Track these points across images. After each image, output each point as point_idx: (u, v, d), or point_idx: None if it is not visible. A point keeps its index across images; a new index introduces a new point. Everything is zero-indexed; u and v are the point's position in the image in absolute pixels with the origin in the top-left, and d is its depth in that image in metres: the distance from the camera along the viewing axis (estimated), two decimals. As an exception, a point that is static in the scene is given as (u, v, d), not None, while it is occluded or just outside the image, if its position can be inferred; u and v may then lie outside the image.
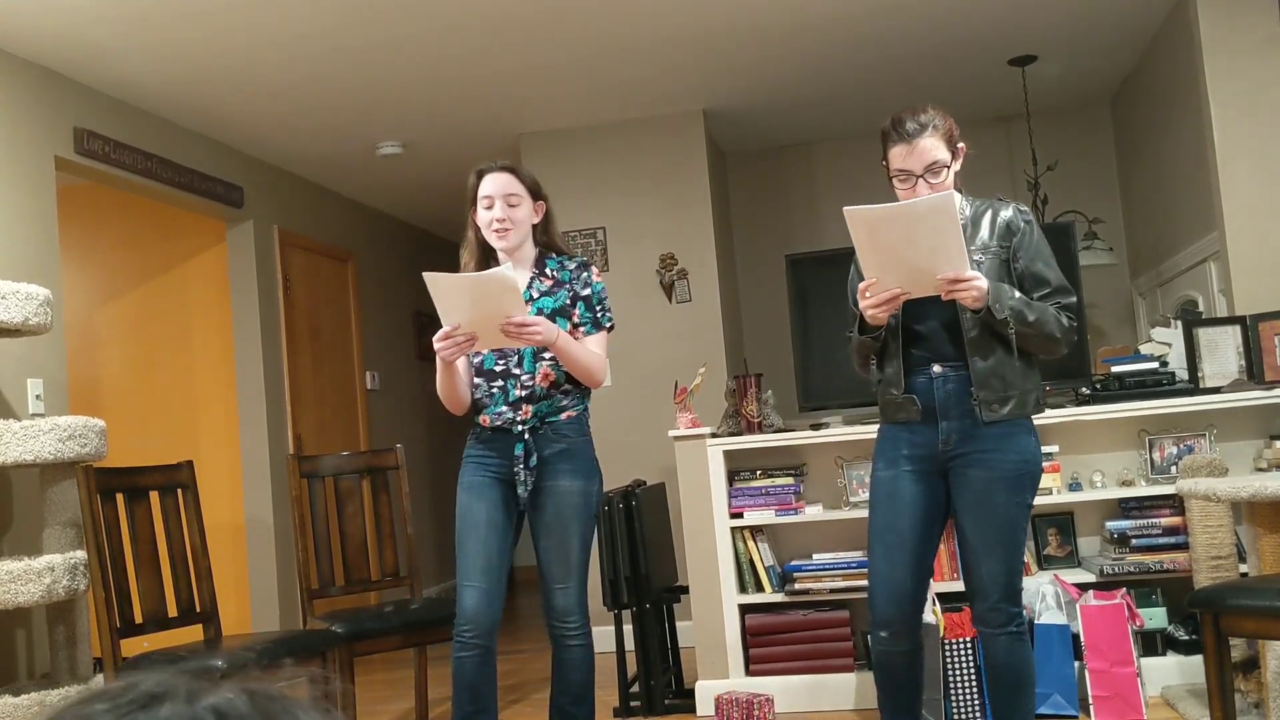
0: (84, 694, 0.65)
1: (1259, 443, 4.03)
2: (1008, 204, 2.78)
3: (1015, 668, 2.74)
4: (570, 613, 3.03)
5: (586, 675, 3.05)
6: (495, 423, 3.03)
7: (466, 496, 3.06)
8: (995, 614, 2.72)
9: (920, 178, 2.66)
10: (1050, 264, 2.74)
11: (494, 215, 3.03)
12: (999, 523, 2.69)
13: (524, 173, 3.10)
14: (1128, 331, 6.23)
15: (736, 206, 6.54)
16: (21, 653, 4.00)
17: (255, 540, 5.73)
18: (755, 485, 4.18)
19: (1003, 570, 2.70)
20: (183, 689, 0.63)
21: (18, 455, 3.40)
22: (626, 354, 5.80)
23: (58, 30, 4.15)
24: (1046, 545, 4.14)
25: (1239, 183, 4.59)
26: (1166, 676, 3.85)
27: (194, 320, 5.96)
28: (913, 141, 2.66)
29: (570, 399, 3.07)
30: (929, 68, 5.50)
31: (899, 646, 2.80)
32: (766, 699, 3.85)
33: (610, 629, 4.39)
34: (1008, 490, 2.68)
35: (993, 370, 2.65)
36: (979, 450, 2.68)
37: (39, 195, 4.40)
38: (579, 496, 3.03)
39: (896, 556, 2.76)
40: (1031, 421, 2.76)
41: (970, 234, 2.72)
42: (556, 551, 3.02)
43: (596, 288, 3.12)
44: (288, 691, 0.67)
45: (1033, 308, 2.65)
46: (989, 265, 2.69)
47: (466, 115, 5.61)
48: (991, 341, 2.65)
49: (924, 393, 2.72)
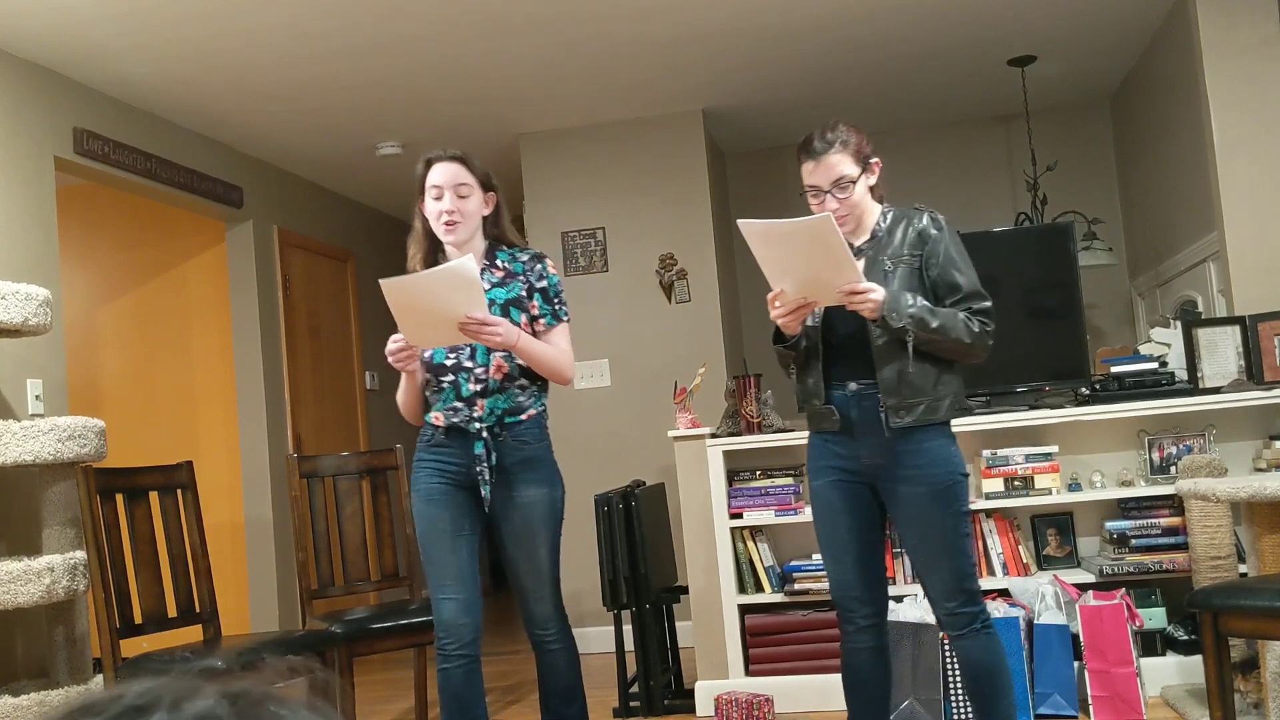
0: (68, 706, 0.64)
1: (1258, 443, 4.04)
2: (923, 213, 2.84)
3: (988, 665, 2.76)
4: (548, 620, 2.97)
5: (573, 676, 3.01)
6: (451, 420, 2.89)
7: (427, 506, 2.92)
8: (955, 618, 2.74)
9: (828, 193, 2.74)
10: (963, 270, 2.77)
11: (443, 207, 2.88)
12: (938, 535, 2.73)
13: (475, 163, 2.96)
14: (1127, 332, 6.23)
15: (736, 206, 6.54)
16: (21, 653, 4.00)
17: (255, 540, 5.73)
18: (755, 485, 4.18)
19: (952, 577, 2.72)
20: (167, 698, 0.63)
21: (17, 455, 3.40)
22: (626, 354, 5.80)
23: (57, 30, 4.15)
24: (1046, 545, 4.14)
25: (1238, 182, 4.59)
26: (1166, 676, 3.85)
27: (193, 320, 5.96)
28: (820, 158, 2.75)
29: (527, 395, 2.94)
30: (928, 68, 5.50)
31: (862, 643, 2.85)
32: (766, 699, 3.85)
33: (610, 629, 4.40)
34: (941, 503, 2.72)
35: (899, 378, 2.70)
36: (901, 465, 2.73)
37: (38, 195, 4.40)
38: (544, 505, 2.93)
39: (844, 560, 2.84)
40: (947, 427, 2.78)
41: (884, 243, 2.79)
42: (527, 563, 2.94)
43: (553, 280, 3.00)
44: (276, 691, 0.66)
45: (937, 314, 2.68)
46: (901, 273, 2.74)
47: (466, 115, 5.61)
48: (898, 350, 2.70)
49: (843, 406, 2.78)
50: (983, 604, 2.77)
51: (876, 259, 2.76)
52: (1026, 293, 4.47)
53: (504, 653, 5.67)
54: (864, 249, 2.79)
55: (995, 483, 4.06)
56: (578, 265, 5.90)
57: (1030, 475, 4.05)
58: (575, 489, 5.65)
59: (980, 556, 4.07)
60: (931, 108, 6.20)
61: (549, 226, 5.94)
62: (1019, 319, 4.46)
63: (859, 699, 2.92)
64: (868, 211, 2.82)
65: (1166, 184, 5.48)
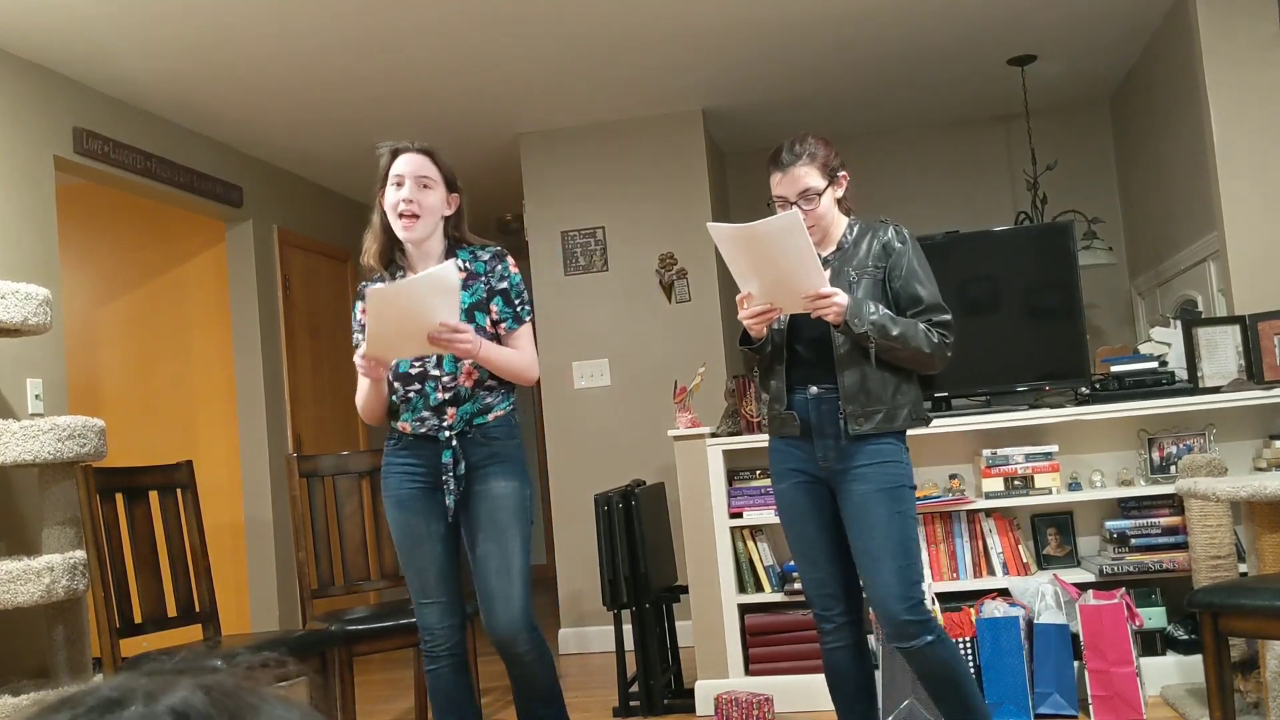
0: (46, 702, 0.65)
1: (1258, 442, 4.04)
2: (889, 226, 2.89)
3: (943, 674, 2.77)
4: (516, 627, 2.78)
5: (548, 679, 2.88)
6: (418, 430, 2.83)
7: (400, 512, 2.87)
8: (900, 631, 2.73)
9: (795, 204, 2.79)
10: (925, 283, 2.82)
11: (402, 195, 2.79)
12: (882, 532, 2.74)
13: (442, 159, 2.88)
14: (1127, 331, 6.23)
15: (736, 206, 6.54)
16: (21, 653, 4.00)
17: (255, 540, 5.73)
18: (755, 485, 4.18)
19: (895, 581, 2.71)
20: (141, 691, 0.63)
21: (17, 455, 3.40)
22: (626, 353, 5.81)
23: (57, 29, 4.15)
24: (1046, 545, 4.14)
25: (1238, 182, 4.59)
26: (1166, 676, 3.85)
27: (193, 320, 5.96)
28: (787, 170, 2.81)
29: (495, 396, 2.88)
30: (928, 67, 5.50)
31: (840, 641, 2.88)
32: (766, 699, 3.86)
33: (610, 628, 4.40)
34: (885, 502, 2.74)
35: (860, 385, 2.75)
36: (853, 466, 2.76)
37: (38, 195, 4.40)
38: (513, 499, 2.83)
39: (816, 559, 2.88)
40: (902, 437, 2.82)
41: (850, 254, 2.85)
42: (497, 559, 2.80)
43: (514, 279, 2.91)
44: (250, 683, 0.66)
45: (899, 323, 2.72)
46: (865, 284, 2.80)
47: (466, 114, 5.61)
48: (860, 357, 2.75)
49: (802, 409, 2.83)
50: (929, 615, 2.75)
51: (842, 269, 2.82)
52: (1026, 292, 4.47)
53: (504, 652, 5.66)
54: (830, 259, 2.84)
55: (995, 482, 4.07)
56: (578, 265, 5.90)
57: (1030, 475, 4.05)
58: (575, 489, 5.70)
59: (980, 556, 4.08)
60: (931, 107, 6.20)
61: (549, 226, 5.94)
62: (1019, 318, 4.46)
63: (844, 698, 2.96)
64: (834, 223, 2.88)
65: (1166, 183, 5.48)
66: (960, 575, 4.08)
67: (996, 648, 3.74)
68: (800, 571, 2.95)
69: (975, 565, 4.08)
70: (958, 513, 4.11)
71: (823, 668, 2.98)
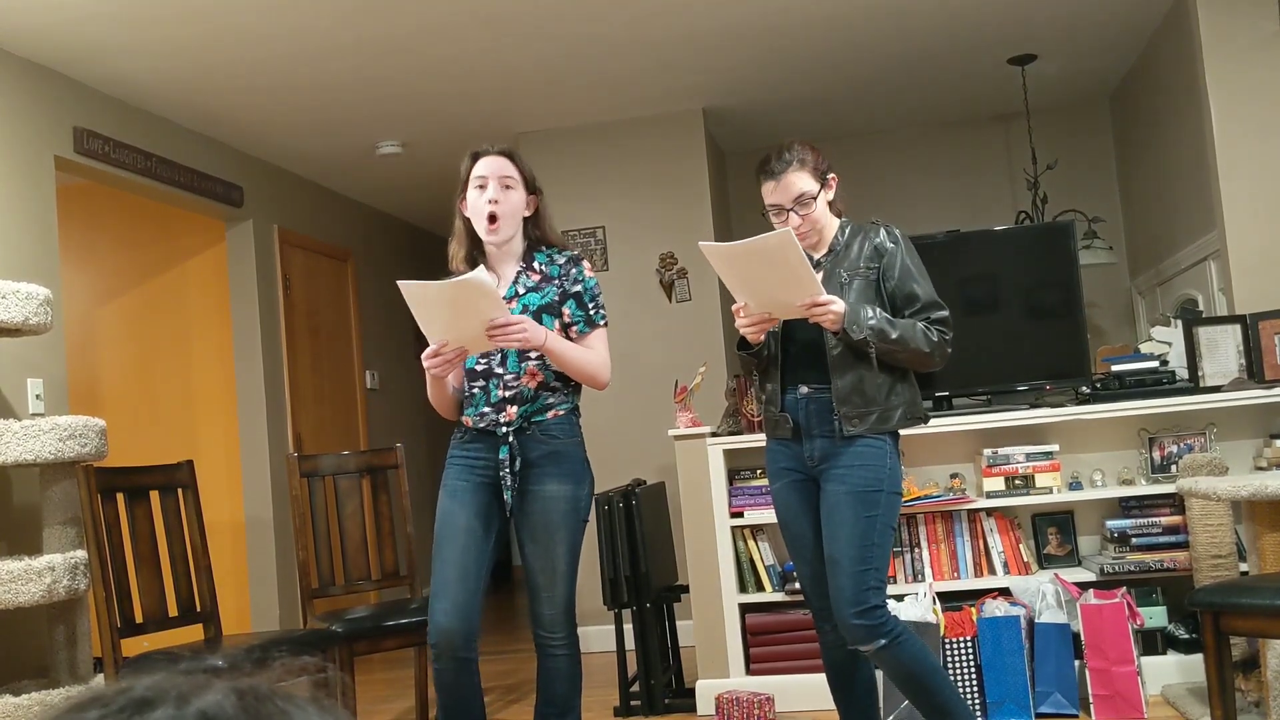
0: (77, 699, 0.64)
1: (1259, 441, 4.03)
2: (879, 227, 2.90)
3: (905, 675, 2.77)
4: (556, 625, 2.90)
5: (570, 686, 2.93)
6: (479, 424, 2.88)
7: (449, 501, 2.91)
8: (851, 634, 2.73)
9: (790, 210, 2.83)
10: (920, 282, 2.83)
11: (488, 196, 2.83)
12: (845, 536, 2.74)
13: (522, 160, 2.93)
14: (1127, 330, 6.23)
15: (736, 206, 6.54)
16: (22, 652, 4.00)
17: (255, 540, 5.73)
18: (755, 484, 4.18)
19: (849, 584, 2.71)
20: (173, 693, 0.63)
21: (18, 455, 3.40)
22: (626, 353, 5.80)
23: (57, 29, 4.15)
24: (1047, 544, 4.14)
25: (1238, 181, 4.59)
26: (1166, 675, 3.85)
27: (193, 320, 5.96)
28: (779, 177, 2.85)
29: (557, 396, 2.89)
30: (929, 67, 5.50)
31: (839, 640, 2.86)
32: (766, 698, 3.86)
33: (610, 628, 4.40)
34: (854, 504, 2.74)
35: (854, 387, 2.76)
36: (835, 466, 2.78)
37: (38, 195, 4.40)
38: (566, 502, 2.86)
39: (810, 557, 2.89)
40: (893, 438, 2.82)
41: (842, 256, 2.87)
42: (542, 560, 2.87)
43: (589, 284, 2.92)
44: (283, 688, 0.66)
45: (896, 325, 2.73)
46: (858, 285, 2.81)
47: (466, 114, 5.61)
48: (853, 359, 2.76)
49: (793, 409, 2.85)
50: (883, 619, 2.72)
51: (833, 271, 2.83)
52: (1027, 292, 4.47)
53: (504, 652, 5.67)
54: (822, 262, 2.86)
55: (996, 481, 4.07)
56: (578, 264, 5.90)
57: (1031, 474, 4.05)
58: (575, 488, 5.68)
59: (981, 555, 4.08)
60: (931, 107, 6.20)
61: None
62: (1019, 318, 4.46)
63: (845, 697, 2.96)
64: (828, 226, 2.90)
65: (1167, 182, 5.48)
66: (961, 574, 4.08)
67: (997, 647, 3.74)
68: (797, 570, 2.98)
69: (976, 564, 4.08)
70: (958, 512, 4.11)
71: (823, 667, 2.99)
